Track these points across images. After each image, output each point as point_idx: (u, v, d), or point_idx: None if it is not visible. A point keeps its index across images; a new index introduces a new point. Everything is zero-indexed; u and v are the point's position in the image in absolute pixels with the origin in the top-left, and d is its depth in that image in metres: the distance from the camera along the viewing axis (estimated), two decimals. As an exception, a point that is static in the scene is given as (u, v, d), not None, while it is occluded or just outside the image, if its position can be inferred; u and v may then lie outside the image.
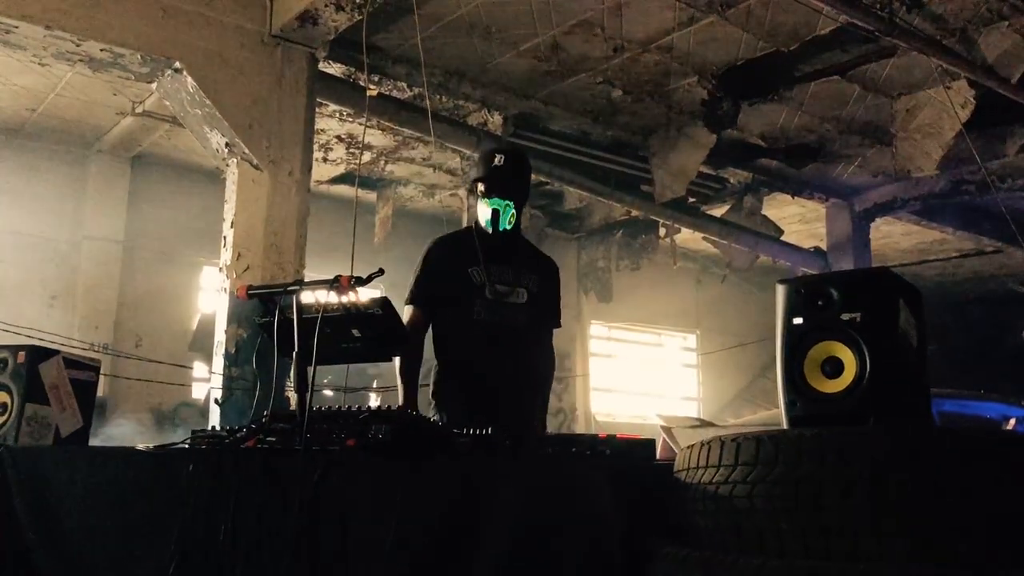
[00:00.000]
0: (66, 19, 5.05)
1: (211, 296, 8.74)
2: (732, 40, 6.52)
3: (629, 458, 2.09)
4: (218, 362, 5.48)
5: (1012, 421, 6.27)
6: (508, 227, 3.16)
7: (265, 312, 2.35)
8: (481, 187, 3.19)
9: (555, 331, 3.40)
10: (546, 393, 3.33)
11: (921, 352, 1.96)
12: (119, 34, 5.21)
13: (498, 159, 3.20)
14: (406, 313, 3.15)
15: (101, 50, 5.28)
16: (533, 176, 8.96)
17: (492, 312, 3.15)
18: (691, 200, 9.44)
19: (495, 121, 7.77)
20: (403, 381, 3.10)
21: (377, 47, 6.62)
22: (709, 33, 6.42)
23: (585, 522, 1.82)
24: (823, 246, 10.26)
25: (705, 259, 12.13)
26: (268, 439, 2.18)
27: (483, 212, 3.19)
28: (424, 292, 3.20)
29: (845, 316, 1.88)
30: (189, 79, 5.42)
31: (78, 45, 5.22)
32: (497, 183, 3.17)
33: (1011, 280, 12.26)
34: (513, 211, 3.17)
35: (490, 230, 3.17)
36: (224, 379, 5.37)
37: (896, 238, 11.26)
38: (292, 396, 2.27)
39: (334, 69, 6.71)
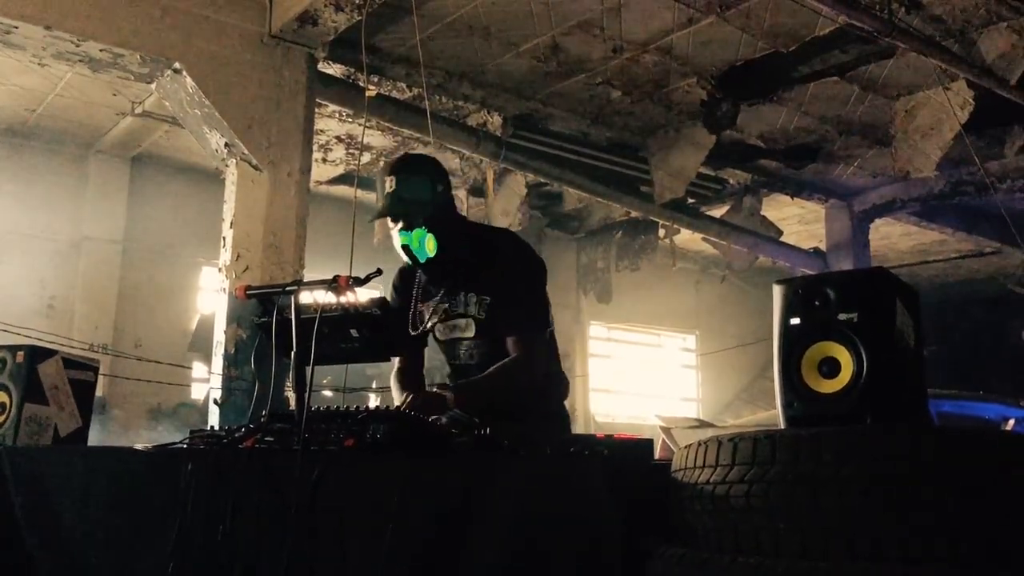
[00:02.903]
0: (65, 19, 5.06)
1: (210, 296, 8.74)
2: (731, 41, 6.52)
3: (627, 458, 2.10)
4: (217, 362, 5.49)
5: (1011, 422, 6.28)
6: (432, 254, 2.62)
7: (263, 312, 2.34)
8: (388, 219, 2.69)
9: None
10: (501, 381, 2.62)
11: (918, 352, 1.97)
12: (118, 34, 5.22)
13: (389, 183, 2.62)
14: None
15: (100, 50, 5.29)
16: (531, 177, 8.97)
17: (449, 354, 2.79)
18: (690, 201, 9.44)
19: (495, 122, 7.77)
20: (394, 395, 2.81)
21: (377, 47, 6.62)
22: (708, 34, 6.42)
23: (583, 522, 1.82)
24: (822, 247, 10.26)
25: (704, 260, 12.13)
26: (266, 439, 2.17)
27: (396, 245, 2.68)
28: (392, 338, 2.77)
29: (842, 316, 1.88)
30: (188, 79, 5.43)
31: (78, 45, 5.22)
32: (397, 211, 2.63)
33: (1010, 281, 12.25)
34: (427, 235, 2.60)
35: (413, 264, 2.70)
36: (223, 379, 5.37)
37: (895, 239, 11.26)
38: (291, 396, 2.26)
39: (333, 69, 6.71)
